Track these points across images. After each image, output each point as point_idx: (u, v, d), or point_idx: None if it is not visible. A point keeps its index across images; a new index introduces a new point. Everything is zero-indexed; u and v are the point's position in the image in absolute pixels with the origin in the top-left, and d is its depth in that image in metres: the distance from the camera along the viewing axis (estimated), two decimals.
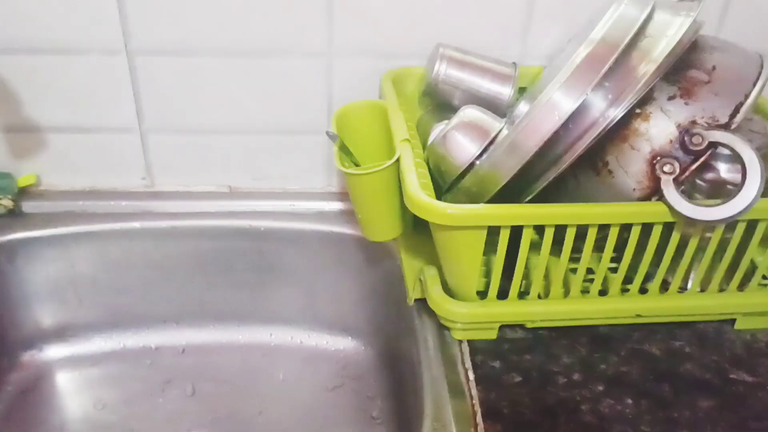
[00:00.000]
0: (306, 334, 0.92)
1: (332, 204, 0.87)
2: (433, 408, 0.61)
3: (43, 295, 0.85)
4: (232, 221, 0.85)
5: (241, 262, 0.87)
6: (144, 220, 0.84)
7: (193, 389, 0.86)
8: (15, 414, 0.81)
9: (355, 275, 0.87)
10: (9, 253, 0.81)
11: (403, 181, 0.59)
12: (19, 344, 0.85)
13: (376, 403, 0.85)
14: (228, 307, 0.91)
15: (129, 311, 0.89)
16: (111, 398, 0.85)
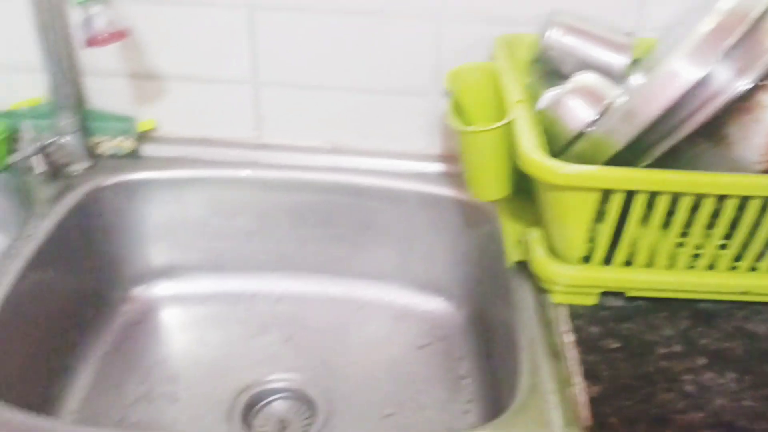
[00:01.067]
0: (397, 292, 0.94)
1: (432, 165, 0.88)
2: (530, 366, 0.62)
3: (155, 234, 0.90)
4: (334, 176, 0.88)
5: (339, 217, 0.90)
6: (252, 169, 0.88)
7: (288, 336, 0.90)
8: (124, 344, 0.87)
9: (450, 237, 0.88)
10: (128, 193, 0.86)
11: (518, 140, 0.60)
12: (131, 279, 0.91)
13: (463, 363, 0.86)
14: (324, 260, 0.94)
15: (231, 257, 0.93)
16: (211, 337, 0.89)
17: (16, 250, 0.73)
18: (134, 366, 0.84)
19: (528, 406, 0.58)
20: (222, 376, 0.84)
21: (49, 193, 0.81)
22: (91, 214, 0.84)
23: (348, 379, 0.85)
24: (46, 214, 0.78)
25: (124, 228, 0.88)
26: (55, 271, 0.78)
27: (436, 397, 0.83)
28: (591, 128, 0.63)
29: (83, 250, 0.84)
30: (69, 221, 0.80)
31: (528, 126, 0.61)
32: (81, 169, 0.85)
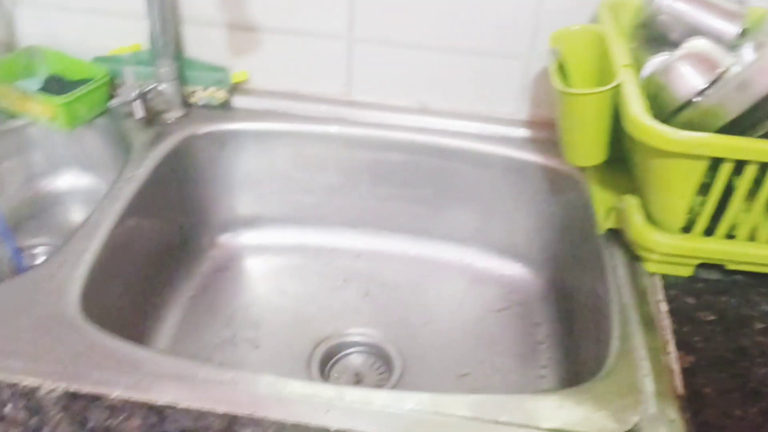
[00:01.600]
0: (476, 255, 0.94)
1: (519, 131, 0.88)
2: (620, 333, 0.62)
3: (242, 185, 0.92)
4: (420, 136, 0.88)
5: (423, 177, 0.90)
6: (340, 125, 0.88)
7: (366, 291, 0.92)
8: (210, 288, 0.90)
9: (533, 203, 0.88)
10: (220, 142, 0.88)
11: (625, 104, 0.59)
12: (218, 227, 0.94)
13: (540, 329, 0.86)
14: (404, 219, 0.95)
15: (313, 211, 0.95)
16: (292, 288, 0.91)
17: (116, 192, 0.76)
18: (219, 310, 0.87)
19: (618, 372, 0.58)
20: (301, 326, 0.87)
21: (145, 138, 0.84)
22: (184, 162, 0.86)
23: (424, 338, 0.87)
24: (143, 159, 0.81)
25: (213, 177, 0.90)
26: (150, 215, 0.81)
27: (511, 361, 0.83)
28: (700, 97, 0.62)
29: (175, 196, 0.86)
30: (164, 167, 0.82)
31: (636, 90, 0.60)
32: (176, 117, 0.87)
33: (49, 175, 0.89)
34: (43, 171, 0.89)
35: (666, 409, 0.54)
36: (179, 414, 0.52)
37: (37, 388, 0.54)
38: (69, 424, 0.51)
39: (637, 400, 0.56)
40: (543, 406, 0.55)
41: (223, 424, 0.52)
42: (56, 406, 0.52)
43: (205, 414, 0.53)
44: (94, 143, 0.88)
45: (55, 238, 0.86)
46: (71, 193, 0.90)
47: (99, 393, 0.54)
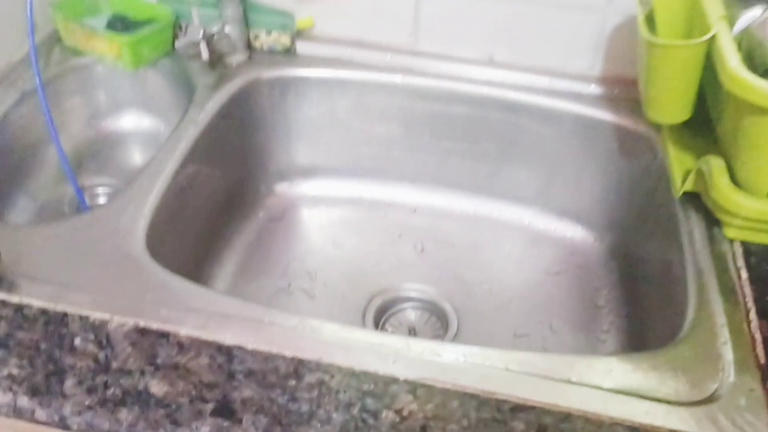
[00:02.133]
0: (536, 216, 0.92)
1: (592, 87, 0.84)
2: (697, 300, 0.59)
3: (302, 133, 0.91)
4: (487, 89, 0.85)
5: (486, 132, 0.88)
6: (405, 75, 0.86)
7: (422, 247, 0.90)
8: (267, 236, 0.89)
9: (601, 164, 0.85)
10: (282, 88, 0.86)
11: (721, 57, 0.56)
12: (276, 175, 0.93)
13: (601, 293, 0.84)
14: (464, 175, 0.92)
15: (372, 163, 0.93)
16: (347, 240, 0.90)
17: (180, 134, 0.75)
18: (274, 259, 0.87)
19: (695, 339, 0.56)
20: (356, 279, 0.86)
21: (208, 81, 0.82)
22: (246, 106, 0.85)
23: (479, 296, 0.85)
24: (206, 103, 0.80)
25: (273, 123, 0.89)
26: (211, 159, 0.80)
27: (570, 324, 0.81)
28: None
29: (236, 141, 0.85)
30: (226, 111, 0.81)
31: (732, 43, 0.56)
32: (240, 60, 0.85)
33: (111, 115, 0.89)
34: (106, 111, 0.88)
35: (746, 378, 0.52)
36: (247, 355, 0.52)
37: (107, 322, 0.54)
38: (138, 358, 0.51)
39: (716, 367, 0.53)
40: (616, 368, 0.53)
41: (291, 368, 0.51)
42: (125, 340, 0.52)
43: (273, 356, 0.52)
44: (157, 84, 0.87)
45: (115, 178, 0.86)
46: (133, 133, 0.89)
47: (167, 329, 0.53)
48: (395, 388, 0.51)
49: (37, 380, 0.49)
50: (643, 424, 0.49)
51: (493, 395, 0.51)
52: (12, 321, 0.53)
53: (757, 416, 0.50)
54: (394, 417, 0.49)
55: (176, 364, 0.51)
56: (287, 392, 0.50)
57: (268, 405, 0.49)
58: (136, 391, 0.49)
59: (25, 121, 0.79)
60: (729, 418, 0.50)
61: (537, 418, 0.49)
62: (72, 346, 0.52)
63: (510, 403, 0.50)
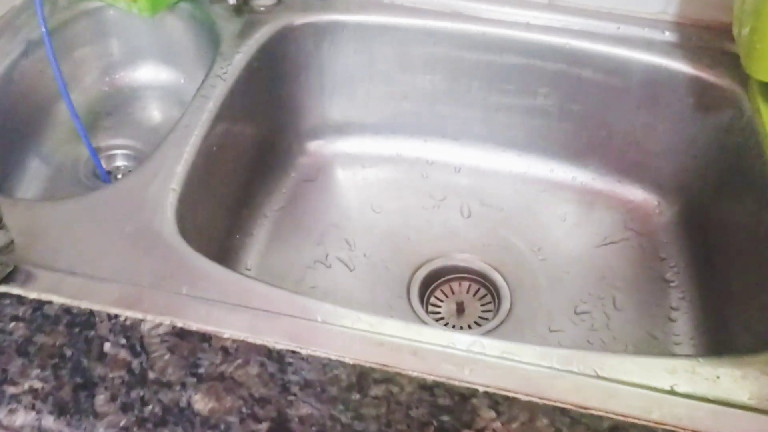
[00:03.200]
0: (593, 177, 0.84)
1: (666, 34, 0.75)
2: None
3: (338, 85, 0.82)
4: (546, 36, 0.76)
5: (544, 85, 0.79)
6: (454, 21, 0.77)
7: (468, 211, 0.83)
8: (300, 201, 0.82)
9: (675, 120, 0.76)
10: (316, 36, 0.77)
11: None
12: (308, 132, 0.84)
13: (669, 265, 0.77)
14: (514, 132, 0.84)
15: (412, 119, 0.85)
16: (386, 203, 0.83)
17: (207, 92, 0.67)
18: (308, 226, 0.79)
19: None
20: (398, 248, 0.79)
21: (235, 29, 0.73)
22: (278, 57, 0.76)
23: (532, 266, 0.78)
24: (234, 54, 0.71)
25: (307, 75, 0.80)
26: (241, 118, 0.72)
27: (635, 298, 0.74)
28: None
29: (266, 96, 0.77)
30: (256, 62, 0.73)
31: None
32: (269, 4, 0.76)
33: (126, 67, 0.80)
34: (120, 61, 0.79)
35: None
36: (302, 362, 0.45)
37: (140, 322, 0.47)
38: (178, 367, 0.44)
39: None
40: (724, 375, 0.47)
41: (353, 378, 0.45)
42: (162, 344, 0.46)
43: (332, 364, 0.45)
44: (177, 32, 0.77)
45: (133, 139, 0.78)
46: (150, 87, 0.80)
47: (209, 331, 0.47)
48: (474, 402, 0.44)
49: (64, 395, 0.43)
50: None
51: (587, 410, 0.44)
52: (31, 323, 0.46)
53: None
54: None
55: (222, 374, 0.44)
56: (351, 408, 0.43)
57: (330, 425, 0.42)
58: (179, 407, 0.43)
59: (32, 74, 0.71)
60: None
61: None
62: (101, 352, 0.45)
63: (609, 421, 0.44)
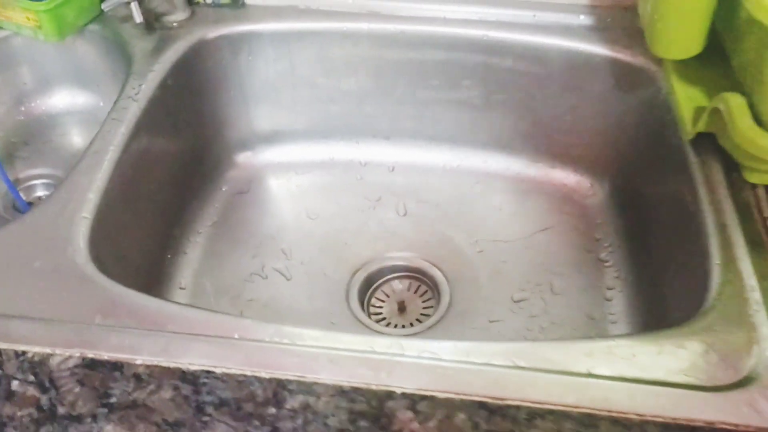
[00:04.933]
0: (525, 164, 0.84)
1: (582, 18, 0.75)
2: (723, 258, 0.53)
3: (260, 95, 0.81)
4: (464, 30, 0.76)
5: (467, 78, 0.79)
6: (371, 21, 0.76)
7: (404, 209, 0.83)
8: (232, 214, 0.81)
9: (598, 103, 0.76)
10: (234, 47, 0.76)
11: None
12: (236, 144, 0.84)
13: (603, 245, 0.77)
14: (444, 126, 0.84)
15: (341, 122, 0.85)
16: (322, 209, 0.82)
17: (120, 113, 0.65)
18: (243, 239, 0.79)
19: (724, 307, 0.50)
20: (336, 253, 0.78)
21: (147, 46, 0.72)
22: (194, 72, 0.75)
23: (472, 259, 0.78)
24: (147, 72, 0.70)
25: (227, 88, 0.79)
26: (160, 136, 0.71)
27: (573, 282, 0.75)
28: None
29: (186, 112, 0.76)
30: (170, 80, 0.72)
31: None
32: (180, 19, 0.75)
33: (40, 94, 0.78)
34: (34, 89, 0.78)
35: None
36: (217, 381, 0.45)
37: (49, 356, 0.46)
38: (88, 399, 0.44)
39: (750, 340, 0.47)
40: (640, 352, 0.47)
41: (269, 392, 0.44)
42: (72, 377, 0.45)
43: (248, 380, 0.45)
44: (90, 55, 0.76)
45: (55, 168, 0.76)
46: (68, 113, 0.79)
47: (121, 359, 0.46)
48: (391, 404, 0.44)
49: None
50: (676, 419, 0.43)
51: (504, 401, 0.44)
52: None
53: None
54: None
55: (134, 401, 0.44)
56: (267, 423, 0.43)
57: None
58: None
59: None
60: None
61: (557, 424, 0.43)
62: (9, 391, 0.44)
63: (526, 410, 0.44)
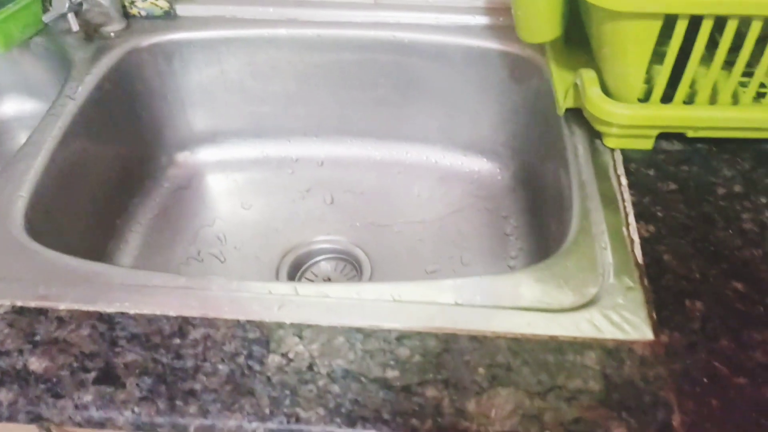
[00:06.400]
0: (441, 154, 0.92)
1: (478, 18, 0.84)
2: (581, 210, 0.60)
3: (196, 99, 0.89)
4: (375, 32, 0.84)
5: (383, 77, 0.87)
6: (290, 27, 0.85)
7: (332, 198, 0.90)
8: (172, 208, 0.88)
9: (496, 93, 0.85)
10: (167, 54, 0.84)
11: None
12: (175, 145, 0.91)
13: (509, 221, 0.85)
14: (367, 123, 0.92)
15: (272, 122, 0.92)
16: (256, 201, 0.90)
17: (57, 111, 0.73)
18: (182, 229, 0.86)
19: (578, 248, 0.57)
20: (267, 238, 0.85)
21: (85, 55, 0.80)
22: (130, 77, 0.83)
23: (391, 239, 0.85)
24: (84, 76, 0.77)
25: (164, 92, 0.87)
26: (99, 135, 0.78)
27: (481, 254, 0.82)
28: None
29: (125, 115, 0.83)
30: (108, 84, 0.79)
31: None
32: (116, 29, 0.83)
33: None
34: None
35: (624, 278, 0.54)
36: (129, 320, 0.51)
37: None
38: (15, 338, 0.50)
39: (596, 272, 0.55)
40: (502, 286, 0.54)
41: (175, 327, 0.51)
42: (2, 321, 0.51)
43: (157, 318, 0.51)
44: (34, 65, 0.84)
45: None
46: (16, 119, 0.87)
47: (46, 306, 0.52)
48: (281, 332, 0.51)
49: None
50: (525, 335, 0.50)
51: (378, 327, 0.51)
52: None
53: (634, 312, 0.51)
54: (281, 360, 0.49)
55: (56, 338, 0.50)
56: (172, 351, 0.49)
57: (153, 366, 0.49)
58: (15, 370, 0.48)
59: None
60: (607, 318, 0.51)
61: (422, 342, 0.50)
62: None
63: (396, 332, 0.51)
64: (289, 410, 0.46)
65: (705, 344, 0.49)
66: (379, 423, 0.46)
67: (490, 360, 0.49)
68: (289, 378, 0.48)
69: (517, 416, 0.46)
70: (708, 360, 0.48)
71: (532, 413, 0.46)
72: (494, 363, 0.49)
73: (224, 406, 0.46)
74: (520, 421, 0.45)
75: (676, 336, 0.50)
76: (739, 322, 0.50)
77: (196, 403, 0.46)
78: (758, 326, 0.50)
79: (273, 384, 0.47)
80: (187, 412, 0.46)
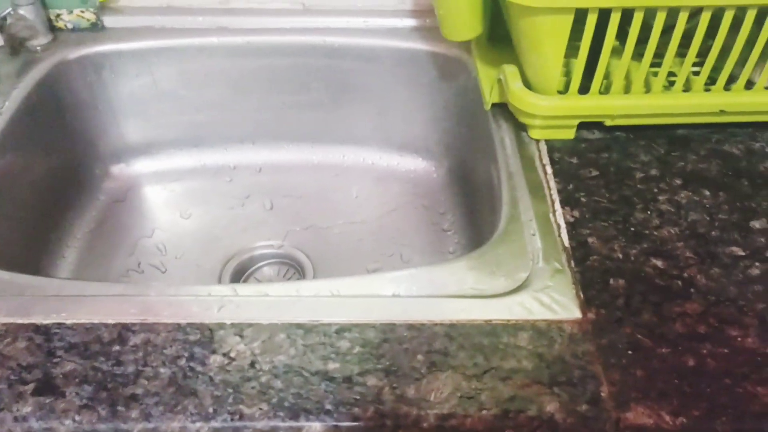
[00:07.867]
0: (377, 155, 0.94)
1: (405, 21, 0.86)
2: (510, 199, 0.63)
3: (128, 110, 0.88)
4: (305, 37, 0.86)
5: (315, 81, 0.89)
6: (220, 35, 0.85)
7: (271, 204, 0.91)
8: (109, 221, 0.87)
9: (427, 92, 0.87)
10: (96, 66, 0.83)
11: None
12: (110, 157, 0.90)
13: (446, 217, 0.87)
14: (302, 127, 0.93)
15: (208, 130, 0.92)
16: (195, 210, 0.89)
17: None
18: (120, 241, 0.85)
19: (508, 236, 0.59)
20: (208, 246, 0.85)
21: (11, 69, 0.79)
22: (60, 90, 0.82)
23: (333, 240, 0.87)
24: (11, 91, 0.76)
25: (95, 104, 0.86)
26: (29, 149, 0.77)
27: (419, 250, 0.84)
28: None
29: (56, 128, 0.82)
30: (36, 97, 0.78)
31: None
32: (43, 43, 0.82)
33: None
34: None
35: (552, 262, 0.56)
36: (66, 330, 0.51)
37: None
38: None
39: (526, 257, 0.57)
40: (438, 276, 0.56)
41: (114, 334, 0.51)
42: None
43: (95, 327, 0.51)
44: None
45: None
46: None
47: None
48: (222, 333, 0.51)
49: None
50: (460, 321, 0.52)
51: (318, 321, 0.52)
52: None
53: (562, 293, 0.54)
54: (223, 360, 0.50)
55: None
56: (111, 358, 0.49)
57: (93, 374, 0.48)
58: None
59: None
60: (537, 300, 0.53)
61: (362, 333, 0.51)
62: None
63: (336, 326, 0.52)
64: (232, 408, 0.47)
65: (629, 319, 0.52)
66: (322, 414, 0.47)
67: (428, 347, 0.50)
68: (232, 377, 0.48)
69: (455, 398, 0.47)
70: (632, 333, 0.51)
71: (469, 395, 0.48)
72: (432, 349, 0.50)
73: (167, 408, 0.47)
74: (458, 402, 0.47)
75: (602, 313, 0.52)
76: (660, 297, 0.53)
77: (138, 407, 0.47)
78: (677, 300, 0.53)
79: (215, 383, 0.48)
80: (129, 417, 0.46)
